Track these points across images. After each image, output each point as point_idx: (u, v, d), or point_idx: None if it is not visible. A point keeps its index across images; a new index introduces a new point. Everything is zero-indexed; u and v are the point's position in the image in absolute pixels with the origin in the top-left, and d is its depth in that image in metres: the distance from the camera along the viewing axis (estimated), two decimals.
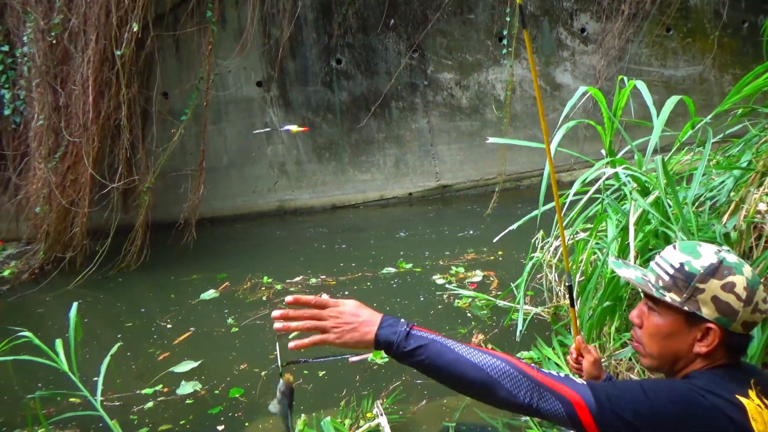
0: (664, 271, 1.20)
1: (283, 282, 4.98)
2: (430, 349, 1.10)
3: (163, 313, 4.63)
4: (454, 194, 7.69)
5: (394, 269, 5.11)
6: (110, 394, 3.33)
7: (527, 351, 3.32)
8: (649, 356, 1.25)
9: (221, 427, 2.99)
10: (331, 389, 3.24)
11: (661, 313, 1.21)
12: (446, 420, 2.82)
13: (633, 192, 2.51)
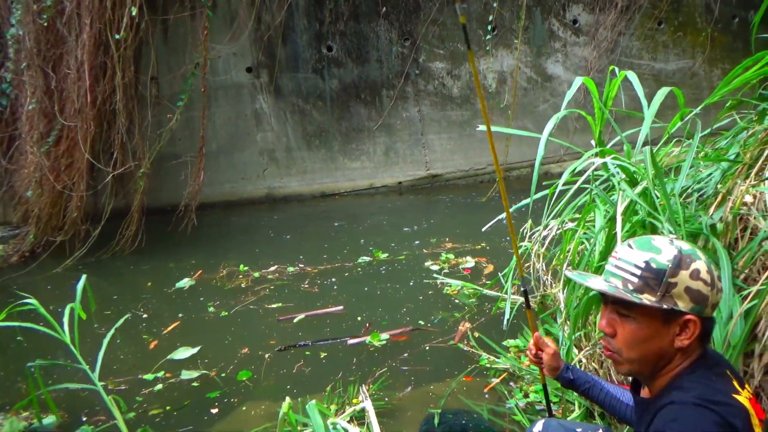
0: (630, 274, 1.16)
1: (260, 270, 4.98)
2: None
3: (151, 299, 4.61)
4: (444, 184, 7.70)
5: (382, 256, 5.12)
6: (112, 378, 3.34)
7: (514, 339, 3.34)
8: (627, 362, 1.21)
9: (215, 410, 2.99)
10: (329, 372, 3.26)
11: (636, 318, 1.17)
12: (432, 406, 2.83)
13: (621, 183, 2.52)
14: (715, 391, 1.12)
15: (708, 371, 1.17)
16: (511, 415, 2.69)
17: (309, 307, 4.16)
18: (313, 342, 3.62)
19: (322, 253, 5.35)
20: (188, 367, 3.41)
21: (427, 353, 3.41)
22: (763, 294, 1.78)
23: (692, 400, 1.08)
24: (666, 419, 1.07)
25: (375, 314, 4.00)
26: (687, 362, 1.19)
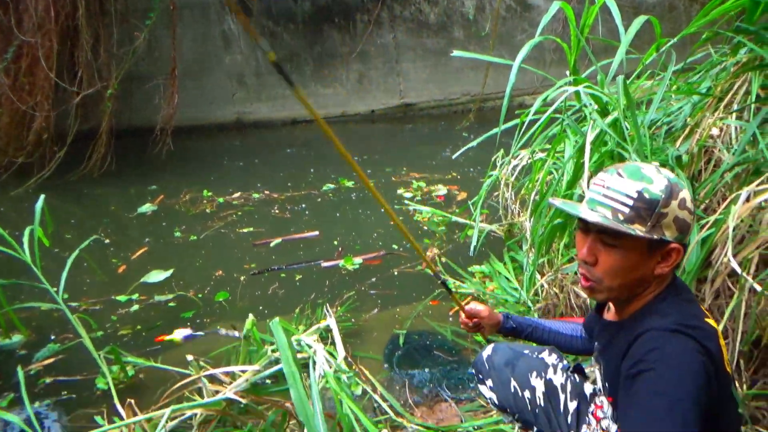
0: (621, 204, 1.12)
1: (224, 196, 4.92)
2: None
3: (111, 224, 4.55)
4: (417, 113, 7.61)
5: (348, 184, 5.11)
6: (85, 299, 3.33)
7: (480, 265, 3.42)
8: (606, 290, 1.19)
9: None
10: (302, 294, 3.33)
11: (621, 247, 1.14)
12: (397, 327, 2.92)
13: (593, 113, 2.52)
14: (688, 316, 1.14)
15: (678, 296, 1.21)
16: (472, 336, 2.79)
17: (282, 232, 4.17)
18: (287, 265, 3.66)
19: (289, 180, 5.30)
20: (163, 290, 3.42)
21: (395, 278, 3.47)
22: (720, 223, 1.84)
23: (670, 326, 1.09)
24: (645, 348, 1.08)
25: (348, 239, 4.05)
26: (661, 287, 1.20)
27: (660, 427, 0.97)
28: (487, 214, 4.06)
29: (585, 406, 1.57)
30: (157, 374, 2.50)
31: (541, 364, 1.66)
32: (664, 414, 0.98)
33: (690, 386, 1.01)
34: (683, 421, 0.97)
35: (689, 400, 0.99)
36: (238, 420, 1.90)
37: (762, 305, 1.71)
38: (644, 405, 1.02)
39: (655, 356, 1.05)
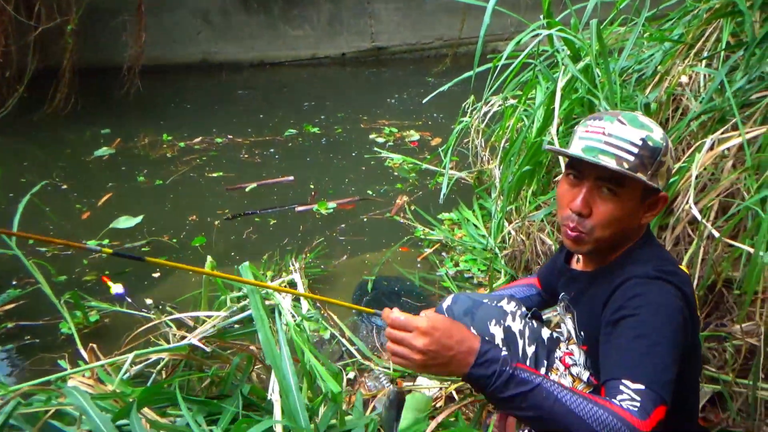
0: (626, 152, 1.08)
1: (186, 140, 4.79)
2: (535, 397, 0.92)
3: (67, 167, 4.38)
4: (390, 57, 7.44)
5: (312, 130, 5.03)
6: (56, 242, 3.22)
7: (448, 212, 3.44)
8: (593, 241, 1.16)
9: (157, 274, 3.00)
10: (276, 239, 3.32)
11: (621, 197, 1.11)
12: (366, 273, 2.94)
13: (565, 58, 2.50)
14: (665, 261, 1.16)
15: (654, 243, 1.23)
16: (440, 282, 2.83)
17: (254, 177, 4.10)
18: (261, 210, 3.63)
19: (253, 125, 5.18)
20: (135, 236, 3.35)
21: (365, 224, 3.47)
22: (683, 171, 1.86)
23: (650, 273, 1.09)
24: (628, 295, 1.08)
25: (321, 184, 4.02)
26: (639, 235, 1.21)
27: (639, 370, 0.98)
28: (457, 162, 4.05)
29: (543, 350, 1.61)
30: (123, 319, 2.48)
31: (500, 312, 1.68)
32: (644, 357, 1.00)
33: (670, 331, 1.03)
34: (663, 364, 0.99)
35: (669, 344, 1.01)
36: (203, 364, 1.90)
37: (719, 251, 1.75)
38: (625, 348, 1.02)
39: (638, 302, 1.05)
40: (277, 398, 1.56)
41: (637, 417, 0.90)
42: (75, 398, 1.44)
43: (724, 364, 1.70)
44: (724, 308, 1.85)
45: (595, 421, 0.89)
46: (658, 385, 0.96)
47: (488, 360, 0.94)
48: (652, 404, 0.93)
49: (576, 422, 0.90)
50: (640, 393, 0.94)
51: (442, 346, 0.94)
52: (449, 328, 0.96)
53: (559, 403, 0.91)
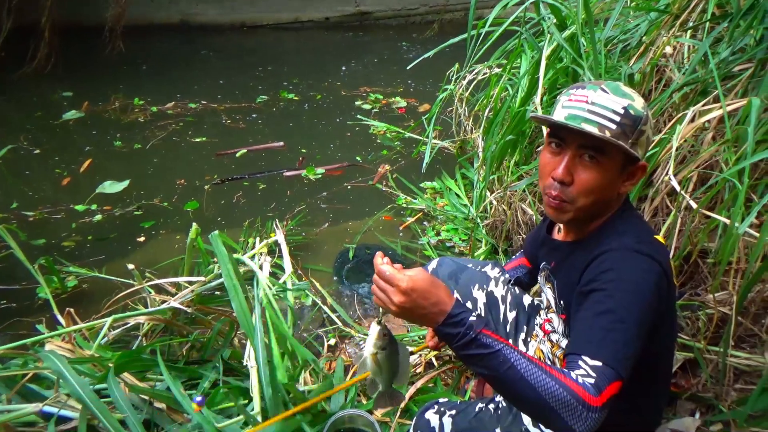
0: (608, 120, 1.08)
1: (159, 104, 4.68)
2: (492, 361, 0.98)
3: (36, 130, 4.26)
4: (374, 23, 7.32)
5: (288, 96, 4.97)
6: (40, 209, 3.20)
7: (431, 181, 3.44)
8: (575, 210, 1.16)
9: (142, 239, 2.98)
10: (264, 203, 3.32)
11: (602, 165, 1.11)
12: (347, 241, 2.94)
13: (551, 26, 2.47)
14: (643, 232, 1.17)
15: (633, 213, 1.23)
16: (422, 250, 2.85)
17: (239, 143, 4.06)
18: (250, 174, 3.62)
19: (231, 90, 5.08)
20: (124, 200, 3.31)
21: (348, 192, 3.46)
22: (664, 142, 1.87)
23: (628, 245, 1.10)
24: (601, 268, 1.09)
25: (308, 150, 4.00)
26: (619, 205, 1.22)
27: (599, 346, 1.01)
28: (441, 131, 4.03)
29: (524, 316, 1.63)
30: (103, 285, 2.44)
31: (484, 277, 1.71)
32: (606, 333, 1.02)
33: (637, 307, 1.04)
34: (624, 340, 1.01)
35: (634, 321, 1.03)
36: (184, 329, 1.90)
37: (696, 222, 1.78)
38: (589, 323, 1.05)
39: (609, 276, 1.07)
40: (253, 365, 1.56)
41: (589, 392, 0.94)
42: (52, 362, 1.43)
43: (697, 332, 1.74)
44: (698, 278, 1.89)
45: (545, 390, 0.94)
46: (616, 362, 0.99)
47: (456, 322, 1.00)
48: (606, 381, 0.96)
49: (527, 389, 0.95)
50: (596, 369, 0.98)
51: (417, 306, 1.01)
52: (427, 290, 1.01)
53: (513, 370, 0.96)
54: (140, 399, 1.57)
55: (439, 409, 1.41)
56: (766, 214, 1.65)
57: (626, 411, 1.22)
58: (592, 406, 0.93)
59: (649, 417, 1.34)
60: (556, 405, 0.93)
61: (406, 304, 1.01)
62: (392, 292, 1.02)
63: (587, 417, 0.93)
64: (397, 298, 1.01)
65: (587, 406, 0.93)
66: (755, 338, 1.66)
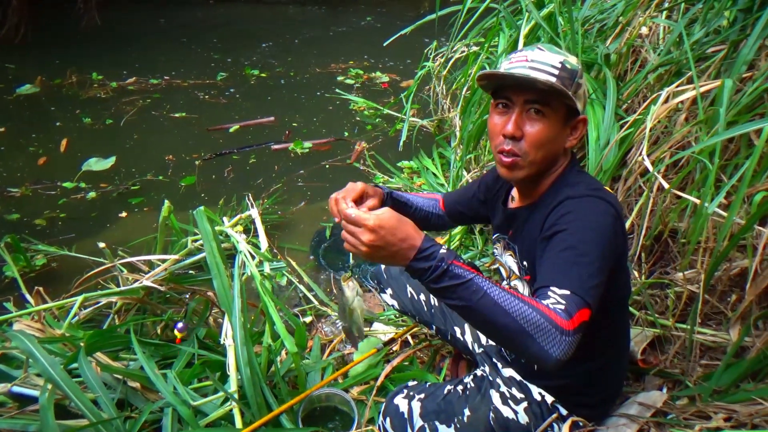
0: (548, 74, 1.14)
1: (119, 80, 4.57)
2: (465, 290, 0.98)
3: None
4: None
5: (254, 72, 4.91)
6: (27, 185, 3.14)
7: (408, 160, 3.43)
8: (528, 165, 1.20)
9: (124, 214, 2.95)
10: (251, 178, 3.34)
11: (547, 117, 1.17)
12: (324, 220, 2.93)
13: (529, 4, 2.46)
14: (595, 181, 1.24)
15: (580, 169, 1.29)
16: None
17: (221, 117, 4.03)
18: (238, 149, 3.62)
19: (197, 65, 4.99)
20: (112, 177, 3.26)
21: (326, 171, 3.43)
22: (638, 123, 1.89)
23: (583, 192, 1.17)
24: (560, 213, 1.14)
25: (295, 124, 4.00)
26: (566, 161, 1.28)
27: (566, 277, 1.04)
28: (419, 109, 4.01)
29: None
30: (74, 263, 2.40)
31: None
32: (572, 266, 1.05)
33: (598, 243, 1.09)
34: (588, 272, 1.05)
35: (597, 254, 1.07)
36: (157, 308, 1.88)
37: (667, 202, 1.81)
38: (554, 259, 1.08)
39: (570, 218, 1.12)
40: (230, 343, 1.56)
41: (561, 317, 0.97)
42: (21, 341, 1.40)
43: (665, 310, 1.78)
44: (668, 257, 1.93)
45: (519, 315, 0.95)
46: (583, 290, 1.02)
47: (426, 256, 1.00)
48: (576, 306, 0.99)
49: (501, 315, 0.96)
50: (565, 297, 1.01)
51: (386, 242, 1.01)
52: (395, 227, 1.01)
53: (486, 297, 0.97)
54: (114, 378, 1.55)
55: (408, 394, 1.42)
56: (734, 195, 1.68)
57: (583, 378, 1.28)
58: (565, 329, 0.95)
59: (610, 381, 1.38)
60: (531, 329, 0.95)
61: (376, 242, 1.00)
62: (360, 232, 1.01)
63: (561, 341, 0.95)
64: (366, 237, 1.00)
65: (560, 329, 0.95)
66: (721, 315, 1.70)
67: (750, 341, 1.54)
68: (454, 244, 2.64)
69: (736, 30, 1.84)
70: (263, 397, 1.53)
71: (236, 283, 1.63)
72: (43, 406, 1.33)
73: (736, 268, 1.65)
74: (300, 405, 1.57)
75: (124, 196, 3.11)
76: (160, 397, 1.56)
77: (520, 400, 1.34)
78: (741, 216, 1.56)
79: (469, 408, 1.35)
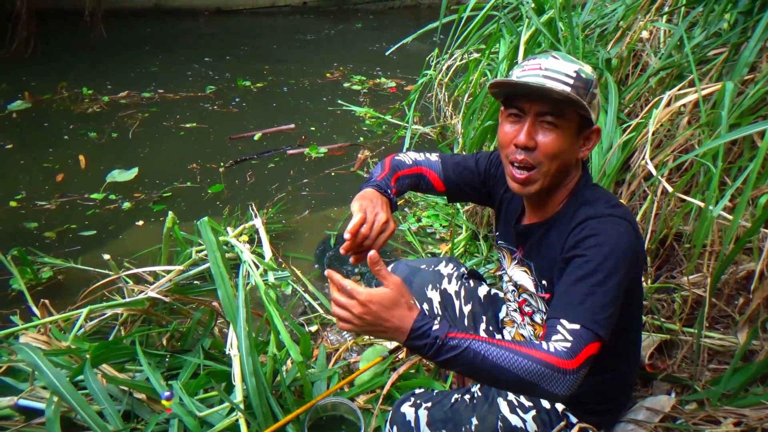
0: (563, 83, 1.10)
1: (109, 94, 4.54)
2: (464, 358, 1.01)
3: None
4: (352, 7, 7.26)
5: (249, 83, 4.92)
6: (57, 196, 3.18)
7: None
8: (542, 177, 1.18)
9: (141, 223, 2.98)
10: (270, 182, 3.41)
11: (560, 128, 1.14)
12: (328, 228, 2.93)
13: (529, 11, 2.47)
14: (611, 197, 1.22)
15: (591, 180, 1.27)
16: (403, 237, 2.85)
17: (234, 127, 4.09)
18: (258, 154, 3.71)
19: (188, 77, 4.99)
20: (136, 188, 3.30)
21: (331, 179, 3.44)
22: (640, 127, 1.89)
23: (603, 212, 1.14)
24: (581, 235, 1.12)
25: (307, 131, 4.06)
26: (579, 174, 1.25)
27: (578, 310, 1.05)
28: (421, 116, 4.02)
29: (480, 307, 1.66)
30: (80, 276, 2.41)
31: (436, 276, 1.72)
32: (586, 297, 1.06)
33: (617, 270, 1.08)
34: (603, 303, 1.05)
35: (614, 283, 1.06)
36: (163, 319, 1.88)
37: (671, 206, 1.80)
38: (569, 288, 1.08)
39: (589, 243, 1.10)
40: (236, 353, 1.55)
41: (562, 358, 0.99)
42: (27, 354, 1.40)
43: (672, 314, 1.78)
44: (674, 261, 1.92)
45: (519, 369, 0.99)
46: (595, 323, 1.03)
47: (421, 335, 1.02)
48: (583, 343, 1.01)
49: (503, 373, 0.99)
50: (573, 333, 1.02)
51: (379, 318, 1.02)
52: (386, 304, 1.02)
53: (486, 360, 1.00)
54: (119, 390, 1.55)
55: (414, 402, 1.41)
56: (739, 197, 1.68)
57: (595, 390, 1.26)
58: (567, 369, 0.98)
59: (622, 390, 1.37)
60: (533, 378, 0.98)
61: (368, 317, 1.02)
62: (353, 305, 1.02)
63: (565, 380, 0.98)
64: (358, 310, 1.02)
65: (563, 371, 0.98)
66: (728, 319, 1.69)
67: (758, 344, 1.53)
68: (459, 251, 2.64)
69: (737, 32, 1.84)
70: (269, 407, 1.53)
71: (240, 292, 1.63)
72: (49, 418, 1.33)
73: (743, 271, 1.64)
74: (306, 415, 1.56)
75: (144, 203, 3.17)
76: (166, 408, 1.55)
77: (528, 408, 1.33)
78: (746, 218, 1.56)
79: (476, 417, 1.34)
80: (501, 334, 1.61)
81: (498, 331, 1.62)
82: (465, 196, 1.52)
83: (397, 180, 1.41)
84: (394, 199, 1.35)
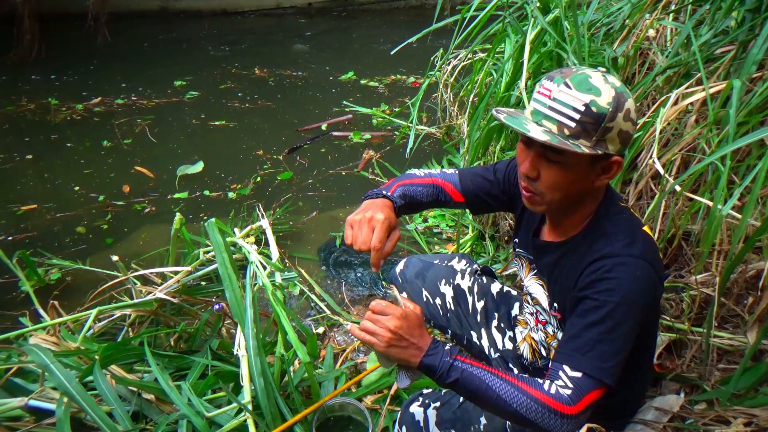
0: (567, 118, 1.04)
1: (80, 101, 4.44)
2: (470, 384, 1.09)
3: None
4: (358, 8, 7.26)
5: (286, 79, 4.91)
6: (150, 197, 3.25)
7: (417, 168, 3.43)
8: (547, 204, 1.16)
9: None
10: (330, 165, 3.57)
11: (565, 163, 1.08)
12: (334, 229, 2.93)
13: (534, 10, 2.46)
14: (633, 228, 1.15)
15: (616, 205, 1.20)
16: (410, 237, 2.85)
17: (264, 120, 4.24)
18: (311, 140, 3.92)
19: (151, 82, 4.95)
20: (204, 181, 3.41)
21: (337, 180, 3.44)
22: (648, 126, 1.88)
23: (622, 251, 1.09)
24: (594, 277, 1.09)
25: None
26: (599, 198, 1.19)
27: (583, 358, 1.05)
28: (427, 117, 4.02)
29: (493, 304, 1.65)
30: (88, 277, 2.42)
31: (450, 271, 1.72)
32: (593, 345, 1.05)
33: (629, 317, 1.06)
34: (611, 351, 1.05)
35: (624, 330, 1.06)
36: (171, 320, 1.89)
37: (679, 205, 1.79)
38: (578, 332, 1.08)
39: (603, 286, 1.07)
40: (244, 353, 1.56)
41: (563, 403, 1.02)
42: (36, 355, 1.41)
43: (681, 314, 1.77)
44: (682, 260, 1.91)
45: (521, 407, 1.04)
46: (600, 371, 1.04)
47: (434, 354, 1.12)
48: (585, 391, 1.03)
49: (506, 407, 1.05)
50: (574, 380, 1.04)
51: (408, 333, 1.12)
52: (419, 322, 1.15)
53: (490, 389, 1.06)
54: (128, 391, 1.56)
55: (423, 402, 1.41)
56: (748, 196, 1.67)
57: (605, 406, 1.24)
58: (567, 414, 1.01)
59: (634, 401, 1.37)
60: (532, 417, 1.03)
61: (400, 331, 1.11)
62: (388, 319, 1.11)
63: (563, 423, 1.02)
64: (393, 323, 1.10)
65: (562, 415, 1.01)
66: (738, 318, 1.68)
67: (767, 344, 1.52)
68: (465, 251, 2.64)
69: (744, 30, 1.83)
70: (277, 408, 1.53)
71: (248, 293, 1.63)
72: (59, 419, 1.34)
73: (752, 271, 1.63)
74: (314, 415, 1.56)
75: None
76: (174, 409, 1.56)
77: None
78: (755, 217, 1.55)
79: (484, 416, 1.34)
80: (513, 332, 1.60)
81: (510, 328, 1.62)
82: (487, 206, 1.47)
83: (402, 186, 1.39)
84: (391, 196, 1.33)
